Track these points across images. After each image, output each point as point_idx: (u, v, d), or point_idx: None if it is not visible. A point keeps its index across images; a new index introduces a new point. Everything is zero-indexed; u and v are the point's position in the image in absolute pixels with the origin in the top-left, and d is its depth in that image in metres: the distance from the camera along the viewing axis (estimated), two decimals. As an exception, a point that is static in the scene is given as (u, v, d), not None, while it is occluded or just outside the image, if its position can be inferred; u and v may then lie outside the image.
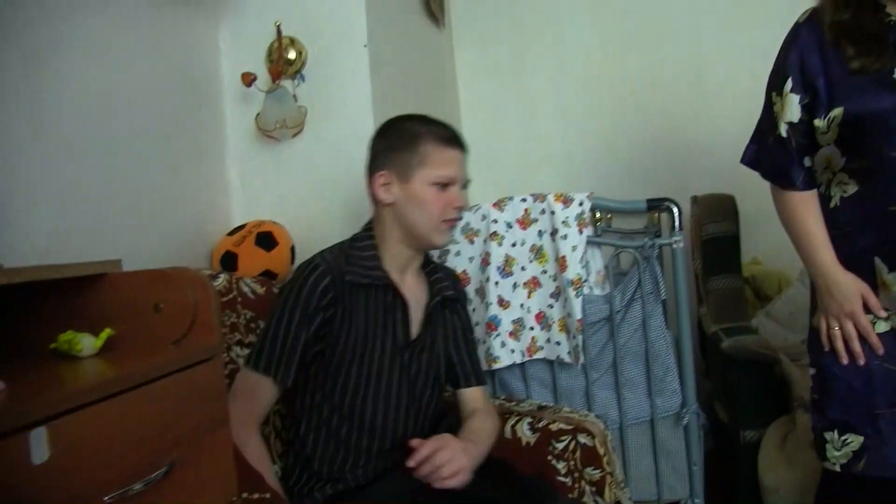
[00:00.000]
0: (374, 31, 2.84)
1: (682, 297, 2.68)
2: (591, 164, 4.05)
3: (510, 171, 4.13)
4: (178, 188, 2.55)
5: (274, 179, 2.85)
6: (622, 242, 2.84)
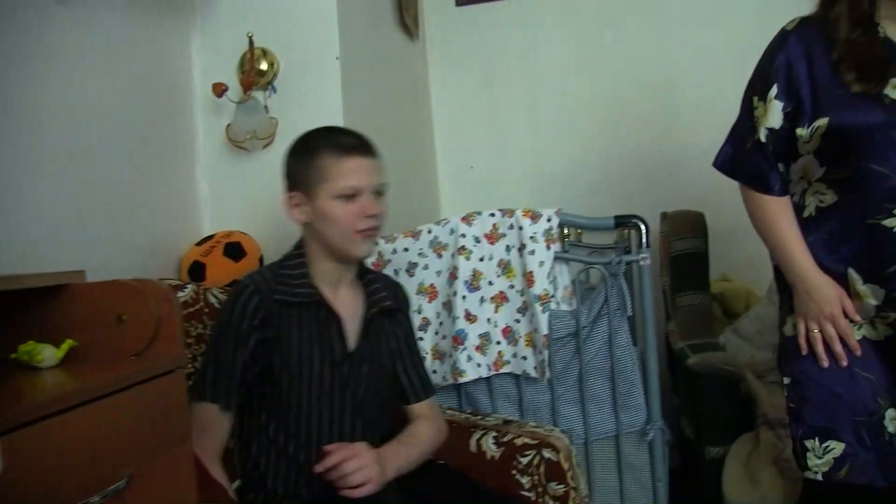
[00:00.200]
0: (346, 43, 2.85)
1: (648, 313, 2.69)
2: (562, 179, 4.07)
3: (481, 184, 4.16)
4: (147, 198, 2.54)
5: (243, 190, 2.85)
6: (589, 259, 2.85)
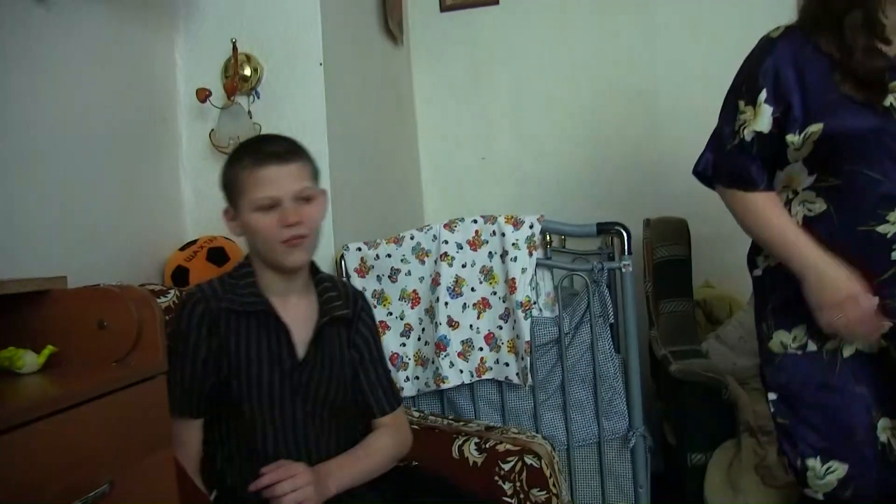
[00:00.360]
0: (329, 49, 2.85)
1: (630, 320, 2.70)
2: (546, 185, 4.09)
3: (465, 190, 4.16)
4: (131, 203, 2.53)
5: (227, 195, 2.84)
6: (572, 266, 2.86)
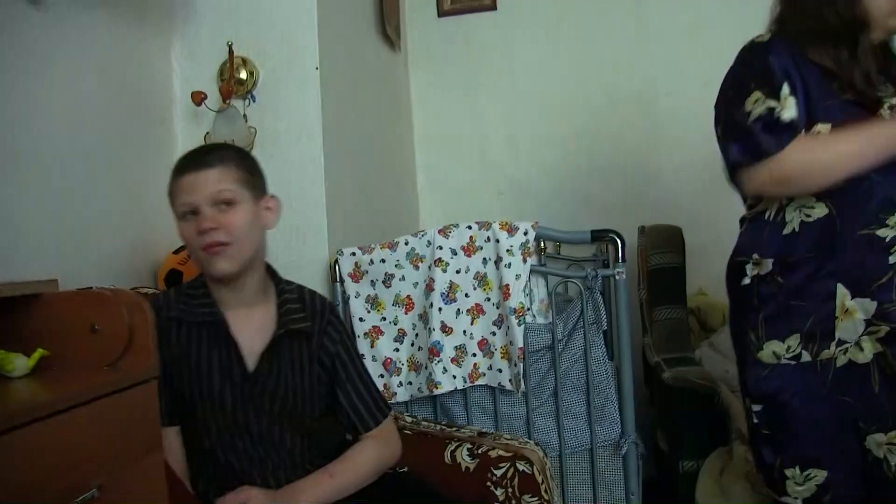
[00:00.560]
0: (326, 53, 2.85)
1: (623, 327, 2.69)
2: (541, 192, 4.09)
3: (461, 196, 4.17)
4: (125, 205, 2.53)
5: (221, 199, 2.83)
6: (565, 273, 2.87)
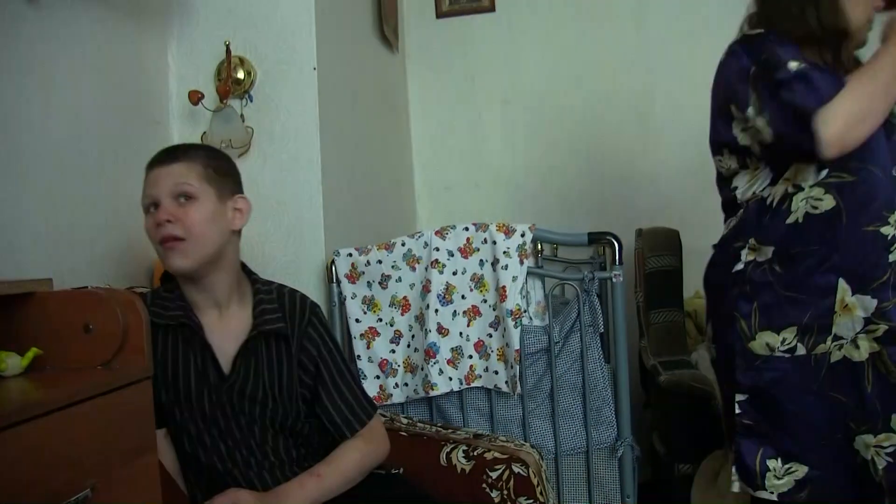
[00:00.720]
0: (323, 54, 2.84)
1: (620, 329, 2.70)
2: (538, 194, 4.10)
3: (459, 198, 4.17)
4: (121, 205, 2.51)
5: (218, 199, 2.83)
6: (562, 275, 2.86)
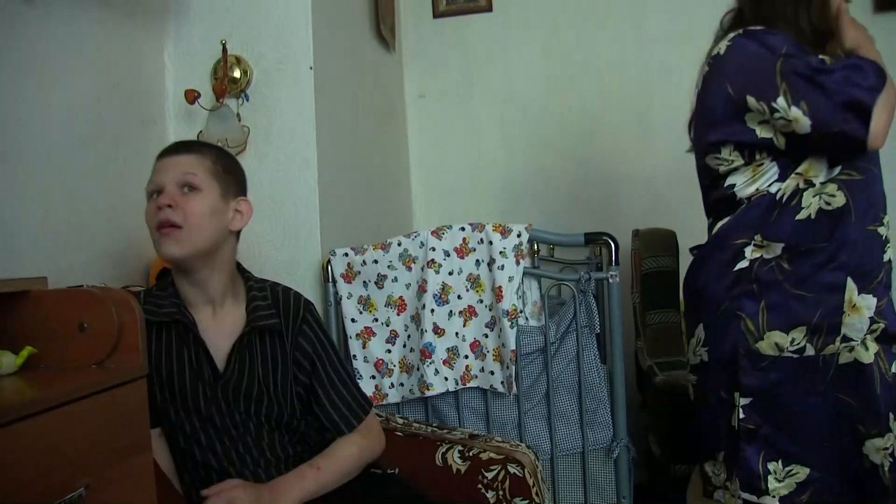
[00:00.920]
0: (320, 53, 2.84)
1: (616, 330, 2.70)
2: (535, 194, 4.09)
3: (455, 198, 4.17)
4: (117, 204, 2.51)
5: (214, 198, 2.82)
6: (558, 276, 2.86)
